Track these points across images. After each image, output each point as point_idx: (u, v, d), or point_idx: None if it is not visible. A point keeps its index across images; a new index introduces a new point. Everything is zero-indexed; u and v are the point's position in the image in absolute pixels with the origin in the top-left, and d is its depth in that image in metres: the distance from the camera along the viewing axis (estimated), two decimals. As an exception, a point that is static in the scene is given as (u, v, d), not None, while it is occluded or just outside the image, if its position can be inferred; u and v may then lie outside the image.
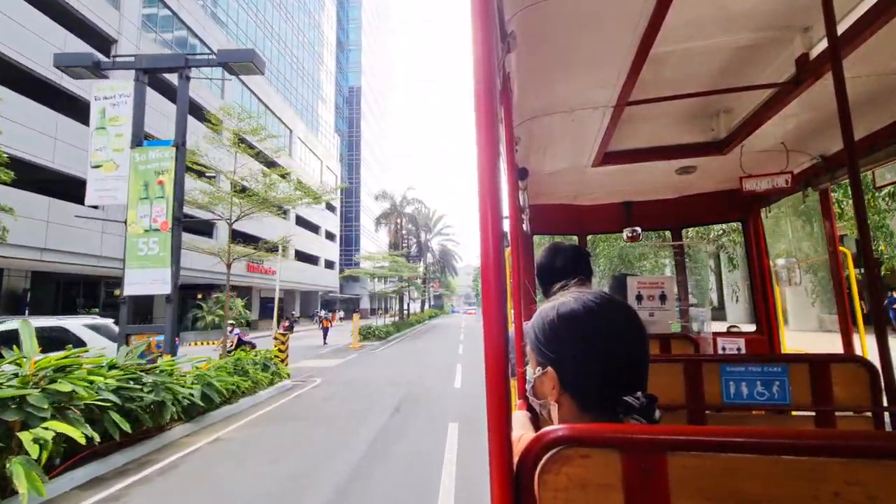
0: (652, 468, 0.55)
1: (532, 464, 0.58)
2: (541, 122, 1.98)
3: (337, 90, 59.52)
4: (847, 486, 0.51)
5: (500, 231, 0.60)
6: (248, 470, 4.94)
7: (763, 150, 2.33)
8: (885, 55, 1.51)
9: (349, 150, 61.32)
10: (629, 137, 2.33)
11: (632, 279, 2.74)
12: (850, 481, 0.51)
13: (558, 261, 1.65)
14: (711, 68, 1.78)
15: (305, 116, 43.43)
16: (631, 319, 0.72)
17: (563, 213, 3.38)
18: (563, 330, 0.72)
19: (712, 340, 3.02)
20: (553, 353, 0.73)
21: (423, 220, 41.30)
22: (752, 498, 0.53)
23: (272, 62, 36.90)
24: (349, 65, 63.13)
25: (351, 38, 63.50)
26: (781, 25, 1.52)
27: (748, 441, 0.55)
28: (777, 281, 3.48)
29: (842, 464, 0.52)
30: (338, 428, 6.49)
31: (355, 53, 63.45)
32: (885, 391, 1.53)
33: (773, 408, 1.66)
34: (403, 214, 33.85)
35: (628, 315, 0.73)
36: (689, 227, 4.33)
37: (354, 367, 13.22)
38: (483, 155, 0.61)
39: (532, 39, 1.38)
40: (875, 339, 1.33)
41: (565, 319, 0.72)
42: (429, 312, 47.50)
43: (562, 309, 0.74)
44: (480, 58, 0.62)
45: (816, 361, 1.61)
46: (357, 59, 63.24)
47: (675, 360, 1.79)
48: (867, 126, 1.93)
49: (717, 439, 0.56)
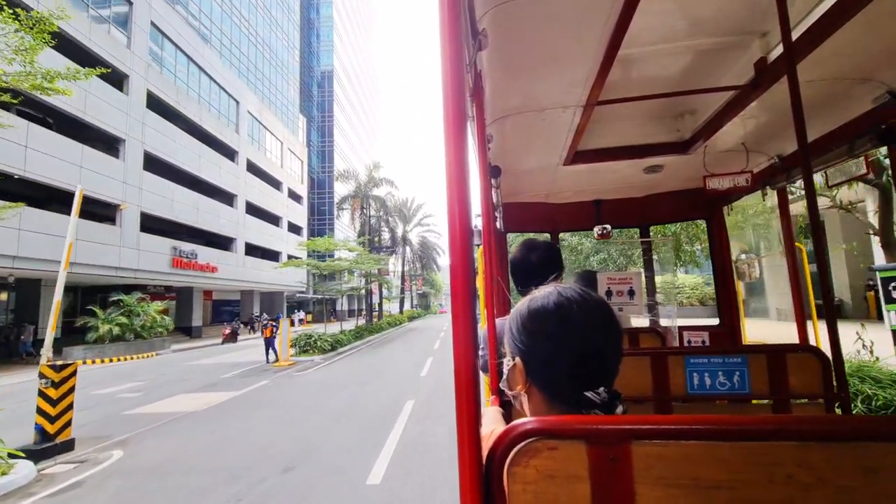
0: (618, 457, 0.56)
1: (501, 457, 0.58)
2: (513, 120, 2.00)
3: (305, 69, 53.89)
4: (799, 468, 0.53)
5: (469, 228, 0.60)
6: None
7: (725, 150, 2.42)
8: (837, 60, 1.57)
9: (321, 137, 55.67)
10: (599, 137, 2.36)
11: (601, 275, 2.83)
12: (802, 464, 0.53)
13: (533, 257, 1.60)
14: (676, 70, 1.82)
15: (260, 90, 37.84)
16: (603, 315, 0.72)
17: (535, 212, 3.41)
18: (532, 323, 0.73)
19: (678, 334, 3.11)
20: (522, 345, 0.73)
21: (399, 208, 35.99)
22: (712, 483, 0.54)
23: (212, 20, 31.31)
24: (321, 43, 57.47)
25: (322, 14, 57.82)
26: (741, 30, 1.56)
27: (707, 428, 0.56)
28: (738, 276, 3.51)
29: (794, 447, 0.54)
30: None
31: (327, 31, 57.80)
32: (835, 378, 1.57)
33: (734, 397, 1.73)
34: (371, 198, 28.43)
35: (600, 311, 0.72)
36: (656, 225, 4.18)
37: (234, 412, 8.04)
38: (451, 152, 0.60)
39: (503, 38, 1.38)
40: (826, 328, 1.38)
41: (535, 313, 0.73)
42: (409, 313, 42.12)
43: (532, 304, 0.75)
44: (449, 54, 0.61)
45: (773, 352, 1.70)
46: (329, 36, 57.60)
47: (642, 353, 1.87)
48: (821, 128, 2.01)
49: (678, 427, 0.57)
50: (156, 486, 4.53)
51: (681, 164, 2.58)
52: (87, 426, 7.12)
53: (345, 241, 26.73)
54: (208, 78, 27.09)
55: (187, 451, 5.68)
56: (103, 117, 18.10)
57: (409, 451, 5.25)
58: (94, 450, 5.83)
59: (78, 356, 16.63)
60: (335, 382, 10.44)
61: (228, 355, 17.79)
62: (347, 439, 5.82)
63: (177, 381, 11.51)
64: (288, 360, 14.22)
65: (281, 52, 43.29)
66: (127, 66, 19.71)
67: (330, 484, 4.39)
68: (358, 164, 52.36)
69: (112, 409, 8.41)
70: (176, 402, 8.75)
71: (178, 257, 22.55)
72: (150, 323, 19.41)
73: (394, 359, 14.84)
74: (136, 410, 8.15)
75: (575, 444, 0.57)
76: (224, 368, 13.72)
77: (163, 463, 5.24)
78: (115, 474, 4.95)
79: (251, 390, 9.79)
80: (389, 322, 30.54)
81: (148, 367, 15.18)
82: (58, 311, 6.07)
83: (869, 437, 0.54)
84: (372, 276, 25.36)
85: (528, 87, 1.74)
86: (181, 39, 24.47)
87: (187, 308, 28.13)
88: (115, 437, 6.39)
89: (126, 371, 14.15)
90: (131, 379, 12.30)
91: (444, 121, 0.61)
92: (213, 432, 6.46)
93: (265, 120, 34.83)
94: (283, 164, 38.07)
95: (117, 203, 18.72)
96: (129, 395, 9.88)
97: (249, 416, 7.41)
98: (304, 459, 5.11)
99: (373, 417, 6.89)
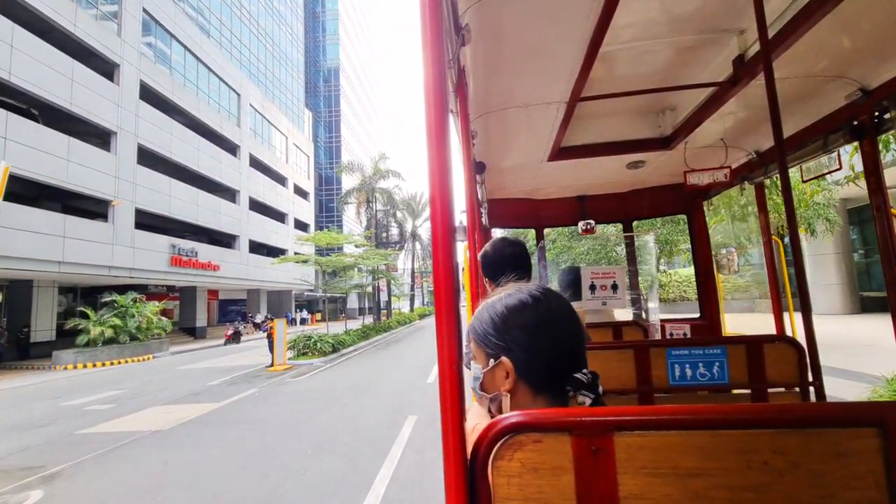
0: (601, 448, 0.57)
1: (486, 451, 0.59)
2: (497, 116, 2.00)
3: (311, 63, 52.90)
4: (774, 454, 0.55)
5: (452, 224, 0.60)
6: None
7: (704, 146, 2.45)
8: (812, 58, 1.62)
9: (328, 132, 54.65)
10: (582, 133, 2.40)
11: (585, 270, 2.82)
12: (777, 450, 0.55)
13: (507, 252, 1.58)
14: (657, 67, 1.87)
15: (263, 83, 36.85)
16: (568, 307, 0.77)
17: (520, 208, 3.42)
18: (514, 319, 0.74)
19: (661, 327, 3.11)
20: (505, 343, 0.74)
21: (407, 202, 34.64)
22: (690, 471, 0.56)
23: (210, 9, 30.34)
24: (326, 36, 56.37)
25: (328, 7, 56.67)
26: (720, 28, 1.60)
27: (686, 418, 0.58)
28: (718, 269, 3.56)
29: (770, 435, 0.56)
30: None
31: (333, 24, 56.65)
32: (810, 367, 1.64)
33: (715, 387, 1.76)
34: (377, 190, 27.07)
35: (567, 302, 0.78)
36: (639, 220, 4.10)
37: (201, 433, 6.89)
38: (434, 147, 0.59)
39: (486, 33, 1.38)
40: (801, 319, 1.48)
41: (515, 310, 0.75)
42: (419, 311, 40.78)
43: (509, 301, 0.76)
44: (430, 48, 0.61)
45: (751, 342, 1.74)
46: (335, 30, 56.45)
47: (625, 346, 1.87)
48: (796, 123, 2.05)
49: (659, 417, 0.59)
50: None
51: (662, 159, 2.62)
52: (28, 451, 5.99)
53: (347, 234, 25.48)
54: (206, 69, 26.04)
55: (119, 494, 4.46)
56: (92, 108, 17.13)
57: (404, 498, 3.94)
58: (12, 489, 4.65)
59: (68, 360, 15.75)
60: (329, 392, 9.19)
61: (226, 358, 16.74)
62: (324, 477, 4.54)
63: (159, 390, 10.41)
64: (284, 364, 13.06)
65: (285, 44, 42.26)
66: (118, 54, 18.73)
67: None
68: (365, 158, 51.40)
69: (70, 425, 7.29)
70: (143, 418, 7.59)
71: (178, 255, 21.59)
72: (146, 324, 18.46)
73: (399, 362, 13.56)
74: (94, 429, 7.00)
75: (559, 436, 0.58)
76: (215, 374, 12.61)
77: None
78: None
79: (233, 402, 8.60)
80: (398, 320, 29.26)
81: (138, 371, 14.18)
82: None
83: (839, 423, 0.56)
84: (379, 272, 24.08)
85: (511, 83, 1.75)
86: (176, 28, 23.42)
87: (191, 308, 27.29)
88: (47, 469, 5.21)
89: (112, 377, 13.15)
90: (113, 386, 11.25)
91: (426, 116, 0.60)
92: (164, 463, 5.24)
93: (269, 114, 33.79)
94: (289, 160, 37.03)
95: (109, 199, 17.78)
96: (100, 406, 8.78)
97: (216, 439, 6.18)
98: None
99: (363, 442, 5.60)
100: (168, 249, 21.12)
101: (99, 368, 15.63)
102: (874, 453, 0.54)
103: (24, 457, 5.76)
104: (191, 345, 23.34)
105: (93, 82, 17.28)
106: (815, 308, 18.59)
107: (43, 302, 18.88)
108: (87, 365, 15.87)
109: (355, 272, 23.50)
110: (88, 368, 15.63)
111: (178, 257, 21.60)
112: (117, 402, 9.10)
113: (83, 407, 8.84)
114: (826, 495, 0.54)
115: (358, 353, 16.16)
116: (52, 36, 16.02)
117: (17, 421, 7.86)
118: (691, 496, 0.55)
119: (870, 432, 0.55)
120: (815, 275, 18.86)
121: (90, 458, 5.54)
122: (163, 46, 22.76)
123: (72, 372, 15.00)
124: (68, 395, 10.37)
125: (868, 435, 0.55)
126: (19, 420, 7.93)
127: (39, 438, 6.60)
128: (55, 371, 15.26)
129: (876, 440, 0.55)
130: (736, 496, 0.55)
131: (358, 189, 27.25)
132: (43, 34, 15.60)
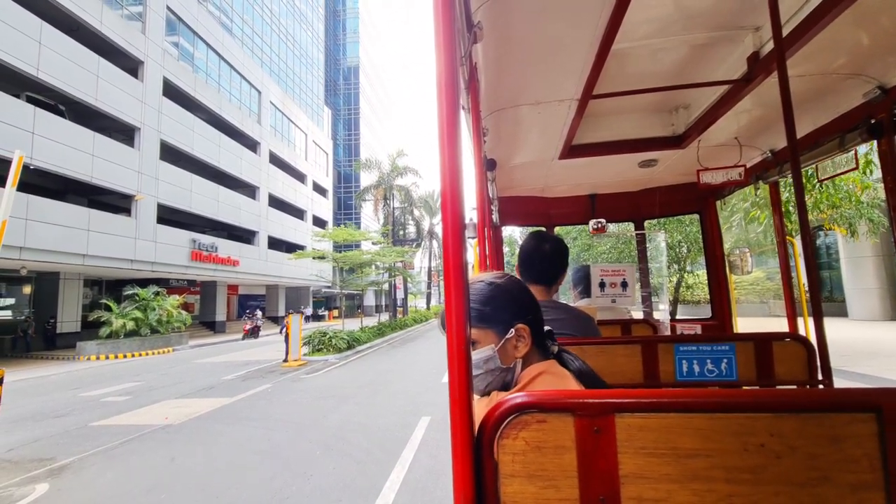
0: (602, 428, 0.59)
1: (492, 430, 0.61)
2: (508, 113, 2.00)
3: (331, 61, 53.21)
4: (771, 437, 0.56)
5: (462, 221, 0.61)
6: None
7: (718, 145, 2.42)
8: (828, 55, 1.58)
9: (347, 130, 54.91)
10: (594, 131, 2.39)
11: (595, 267, 2.78)
12: (774, 433, 0.56)
13: (546, 247, 1.61)
14: (670, 65, 1.85)
15: (283, 81, 37.14)
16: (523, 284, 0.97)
17: (531, 205, 3.40)
18: (526, 295, 0.92)
19: (671, 326, 3.23)
20: (528, 313, 0.89)
21: (425, 199, 34.44)
22: (689, 452, 0.57)
23: (233, 7, 30.69)
24: (346, 35, 56.63)
25: (348, 6, 56.92)
26: (734, 25, 1.59)
27: (685, 401, 0.60)
28: (730, 269, 3.51)
29: (767, 418, 0.57)
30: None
31: (353, 22, 56.86)
32: (820, 367, 1.62)
33: (722, 384, 1.76)
34: (394, 188, 26.95)
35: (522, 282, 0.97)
36: (651, 219, 4.05)
37: (211, 429, 6.79)
38: (446, 144, 0.60)
39: (498, 30, 1.38)
40: (813, 319, 1.43)
41: (521, 287, 0.93)
42: (436, 309, 40.56)
43: (512, 281, 0.93)
44: (443, 46, 0.61)
45: (760, 339, 1.75)
46: (355, 28, 56.64)
47: (633, 341, 1.89)
48: (812, 122, 2.01)
49: (659, 401, 0.60)
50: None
51: (675, 158, 2.60)
52: (40, 442, 5.98)
53: (364, 231, 25.42)
54: (228, 66, 26.36)
55: (124, 490, 4.33)
56: (117, 104, 17.45)
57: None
58: (19, 481, 4.60)
59: (91, 351, 16.09)
60: (342, 389, 9.03)
61: (243, 353, 16.84)
62: (331, 480, 4.32)
63: (175, 383, 10.45)
64: (299, 360, 13.00)
65: (305, 42, 42.59)
66: (142, 52, 19.04)
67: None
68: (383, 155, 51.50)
69: (86, 417, 7.30)
70: (156, 411, 7.55)
71: (198, 250, 21.90)
72: (166, 317, 18.74)
73: (414, 360, 13.35)
74: (108, 421, 6.99)
75: (562, 416, 0.60)
76: (231, 368, 12.64)
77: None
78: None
79: (246, 397, 8.51)
80: (415, 318, 29.12)
81: (157, 364, 14.36)
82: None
83: (836, 408, 0.57)
84: (395, 269, 23.95)
85: (523, 80, 1.74)
86: (199, 26, 23.74)
87: (211, 302, 27.72)
88: (57, 461, 5.16)
89: (132, 369, 13.33)
90: (132, 378, 11.37)
91: (438, 113, 0.61)
92: (172, 460, 5.12)
93: (288, 111, 34.07)
94: (308, 157, 37.29)
95: (132, 194, 18.10)
96: (116, 398, 8.83)
97: (225, 436, 6.05)
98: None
99: (374, 444, 5.38)
100: (189, 244, 21.42)
101: (120, 360, 15.92)
102: (870, 437, 0.55)
103: (36, 448, 5.74)
104: (210, 339, 23.67)
105: (117, 79, 17.59)
106: (852, 314, 17.83)
107: (69, 294, 19.39)
108: (109, 356, 16.18)
109: (372, 269, 23.44)
110: (110, 360, 15.94)
111: (198, 252, 21.90)
112: (133, 395, 9.13)
113: (100, 398, 8.90)
114: (821, 477, 0.55)
115: (373, 351, 16.03)
116: (79, 33, 16.35)
117: (36, 410, 7.94)
118: (689, 476, 0.57)
119: (866, 417, 0.56)
120: (853, 279, 17.89)
121: (100, 452, 5.47)
122: (186, 44, 23.09)
123: (94, 363, 15.30)
124: (88, 385, 10.50)
125: (864, 419, 0.56)
126: (38, 410, 8.01)
127: (54, 429, 6.61)
128: (78, 361, 15.60)
129: (872, 425, 0.56)
130: (733, 476, 0.56)
131: (375, 186, 27.17)
132: (70, 31, 15.93)
